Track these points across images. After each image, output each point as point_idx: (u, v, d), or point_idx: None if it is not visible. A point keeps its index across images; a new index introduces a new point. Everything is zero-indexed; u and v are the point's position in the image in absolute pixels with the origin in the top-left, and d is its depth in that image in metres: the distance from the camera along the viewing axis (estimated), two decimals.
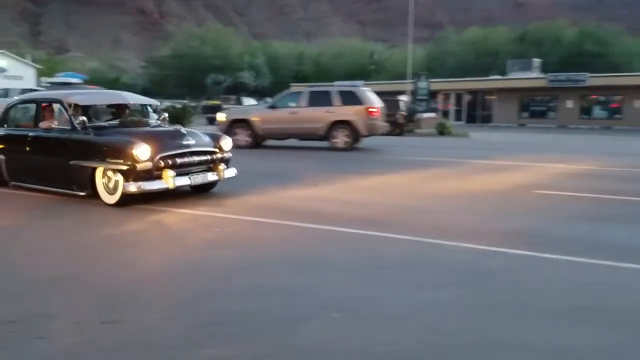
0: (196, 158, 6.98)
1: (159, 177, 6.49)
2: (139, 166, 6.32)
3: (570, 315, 3.46)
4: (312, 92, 15.38)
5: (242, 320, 3.32)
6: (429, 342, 3.06)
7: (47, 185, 7.25)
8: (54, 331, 3.12)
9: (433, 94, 34.50)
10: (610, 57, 46.57)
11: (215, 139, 7.53)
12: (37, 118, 7.64)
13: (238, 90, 52.39)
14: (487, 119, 39.36)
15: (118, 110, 8.15)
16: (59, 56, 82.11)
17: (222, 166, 7.27)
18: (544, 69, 40.92)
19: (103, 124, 7.56)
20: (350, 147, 14.55)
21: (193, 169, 6.96)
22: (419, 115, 26.14)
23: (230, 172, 7.42)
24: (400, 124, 24.10)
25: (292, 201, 7.17)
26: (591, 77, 35.48)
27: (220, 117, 15.77)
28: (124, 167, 6.33)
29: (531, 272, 4.34)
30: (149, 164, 6.39)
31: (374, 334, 3.15)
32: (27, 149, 7.45)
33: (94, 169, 6.63)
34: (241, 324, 3.26)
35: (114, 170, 6.46)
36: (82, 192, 6.79)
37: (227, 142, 7.55)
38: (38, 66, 50.09)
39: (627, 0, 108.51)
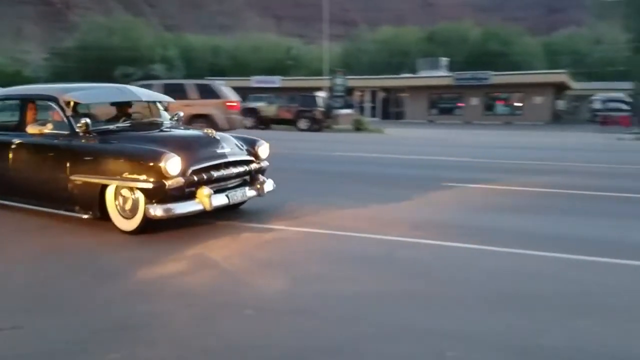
0: (233, 170, 5.67)
1: (191, 196, 5.18)
2: (169, 183, 4.97)
3: (482, 301, 3.79)
4: (166, 85, 15.04)
5: (151, 323, 3.31)
6: (345, 333, 3.21)
7: (39, 204, 5.85)
8: None
9: (349, 91, 35.26)
10: (511, 56, 49.54)
11: (251, 144, 6.24)
12: (23, 120, 6.09)
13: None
14: (400, 116, 40.78)
15: (120, 109, 6.53)
16: None
17: (261, 178, 6.03)
18: (451, 67, 42.87)
19: (110, 127, 5.93)
20: None
21: (229, 183, 5.71)
22: (336, 112, 26.71)
23: (269, 186, 6.12)
24: (318, 120, 24.58)
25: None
26: (494, 75, 37.68)
27: None
28: (148, 185, 4.96)
29: (443, 260, 4.68)
30: (180, 180, 5.06)
31: (288, 329, 3.25)
32: (10, 158, 5.97)
33: (104, 187, 5.27)
34: (149, 327, 3.25)
35: (132, 188, 5.15)
36: (87, 214, 5.41)
37: (264, 149, 6.28)
38: None
39: (527, 2, 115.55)
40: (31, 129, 5.81)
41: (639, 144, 20.26)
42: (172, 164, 4.98)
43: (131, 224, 5.21)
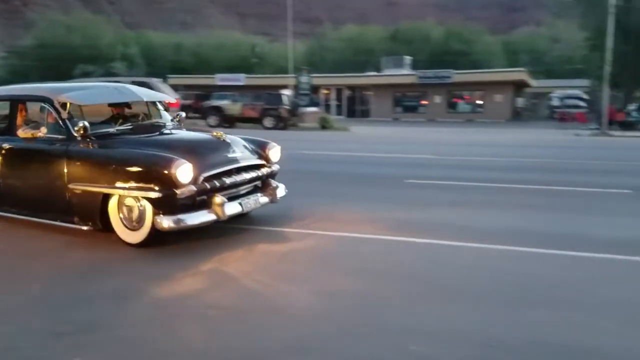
0: (246, 175, 5.32)
1: (203, 205, 4.82)
2: (180, 192, 4.58)
3: (443, 296, 3.93)
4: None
5: (112, 326, 3.31)
6: (296, 332, 3.27)
7: (33, 215, 5.44)
8: None
9: (315, 89, 35.34)
10: (473, 55, 50.50)
11: (261, 147, 5.92)
12: (13, 122, 5.61)
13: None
14: (365, 114, 41.07)
15: (119, 110, 6.05)
16: None
17: (273, 184, 5.72)
18: (415, 66, 43.40)
19: (110, 130, 5.49)
20: None
21: (241, 190, 5.36)
22: (302, 110, 26.74)
23: (281, 191, 5.78)
24: (283, 118, 24.57)
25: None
26: (456, 73, 38.32)
27: None
28: (157, 195, 4.57)
29: (403, 256, 4.81)
30: (192, 188, 4.67)
31: (248, 330, 3.27)
32: (0, 165, 5.54)
33: (106, 196, 4.88)
34: (111, 330, 3.26)
35: (138, 198, 4.77)
36: (87, 225, 5.04)
37: (275, 151, 5.97)
38: None
39: (488, 2, 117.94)
40: (23, 133, 5.38)
41: (595, 139, 20.96)
42: (184, 172, 4.60)
43: (137, 236, 4.84)
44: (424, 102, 40.59)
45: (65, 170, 5.03)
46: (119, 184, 4.75)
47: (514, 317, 3.49)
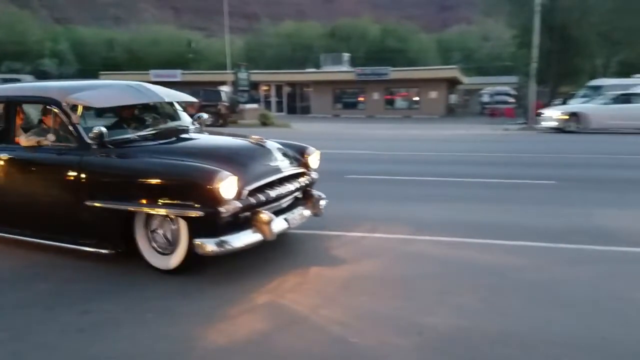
0: (289, 186, 4.62)
1: (246, 223, 4.13)
2: (224, 209, 3.88)
3: (379, 286, 4.11)
4: None
5: (52, 330, 3.26)
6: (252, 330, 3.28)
7: (39, 236, 4.62)
8: None
9: (254, 85, 35.21)
10: (408, 52, 51.79)
11: (299, 152, 5.23)
12: (11, 128, 4.82)
13: (39, 79, 47.79)
14: (306, 110, 41.28)
15: (134, 112, 5.29)
16: None
17: (315, 194, 5.06)
18: (353, 63, 44.01)
19: (130, 136, 4.71)
20: None
21: (283, 202, 4.67)
22: (242, 106, 26.56)
23: (323, 202, 5.11)
24: (222, 115, 24.33)
25: None
26: (393, 71, 39.15)
27: None
28: (197, 213, 3.87)
29: (341, 250, 4.93)
30: (237, 205, 3.98)
31: (187, 331, 3.25)
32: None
33: (131, 214, 4.20)
34: (52, 334, 3.22)
35: (167, 216, 4.10)
36: (106, 248, 4.29)
37: (315, 157, 5.32)
38: None
39: (421, 0, 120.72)
40: (25, 141, 4.58)
41: (523, 133, 21.96)
42: (229, 186, 3.89)
43: (170, 261, 4.15)
44: (361, 98, 41.19)
45: (80, 185, 4.27)
46: (148, 201, 4.05)
47: (442, 305, 3.63)
